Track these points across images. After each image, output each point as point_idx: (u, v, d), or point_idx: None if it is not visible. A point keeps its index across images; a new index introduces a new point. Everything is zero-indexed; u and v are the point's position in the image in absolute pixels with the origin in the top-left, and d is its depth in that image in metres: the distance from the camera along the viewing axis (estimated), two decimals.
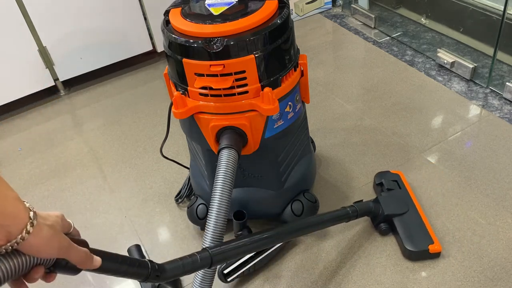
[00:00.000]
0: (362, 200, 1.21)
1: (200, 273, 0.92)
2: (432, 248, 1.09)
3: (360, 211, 1.14)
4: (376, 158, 1.43)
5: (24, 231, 0.49)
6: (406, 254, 1.12)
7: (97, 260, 0.59)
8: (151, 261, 0.68)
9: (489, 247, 1.13)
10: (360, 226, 1.22)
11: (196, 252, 0.76)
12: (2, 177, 0.49)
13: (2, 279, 0.49)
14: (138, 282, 1.15)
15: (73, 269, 0.57)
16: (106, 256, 0.61)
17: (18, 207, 0.50)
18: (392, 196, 1.21)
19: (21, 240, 0.49)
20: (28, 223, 0.49)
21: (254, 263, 1.11)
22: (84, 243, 0.59)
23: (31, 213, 0.50)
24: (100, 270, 0.60)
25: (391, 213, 1.16)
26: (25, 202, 0.51)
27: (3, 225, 0.48)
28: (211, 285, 0.93)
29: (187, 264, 0.74)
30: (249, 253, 1.07)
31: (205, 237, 0.89)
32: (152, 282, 0.69)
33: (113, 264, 0.62)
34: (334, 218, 1.10)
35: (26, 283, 0.54)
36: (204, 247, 0.78)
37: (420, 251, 1.09)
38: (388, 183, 1.25)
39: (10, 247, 0.49)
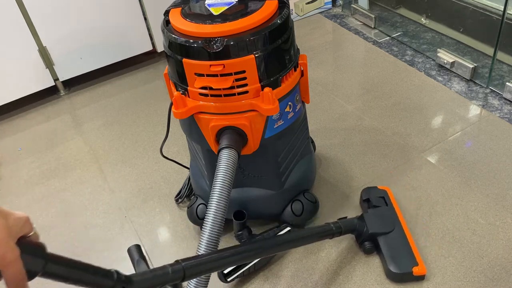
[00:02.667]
0: (346, 217, 1.18)
1: None
2: (416, 271, 1.05)
3: (344, 228, 1.09)
4: (376, 158, 1.43)
5: None
6: (389, 275, 1.07)
7: None
8: (117, 272, 0.63)
9: (489, 247, 1.13)
10: None
11: (169, 264, 0.71)
12: None
13: None
14: None
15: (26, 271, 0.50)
16: (66, 262, 0.56)
17: None
18: (377, 213, 1.16)
19: None
20: None
21: (254, 263, 1.11)
22: (41, 246, 0.53)
23: None
24: (60, 277, 0.55)
25: (375, 231, 1.11)
26: None
27: None
28: (207, 284, 0.92)
29: (157, 277, 0.68)
30: (225, 268, 1.04)
31: (202, 236, 0.88)
32: None
33: (73, 271, 0.57)
34: (317, 234, 1.05)
35: None
36: (177, 259, 0.73)
37: (404, 273, 1.05)
38: (375, 200, 1.21)
39: None
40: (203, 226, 0.89)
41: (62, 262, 0.56)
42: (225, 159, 0.93)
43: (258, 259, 1.11)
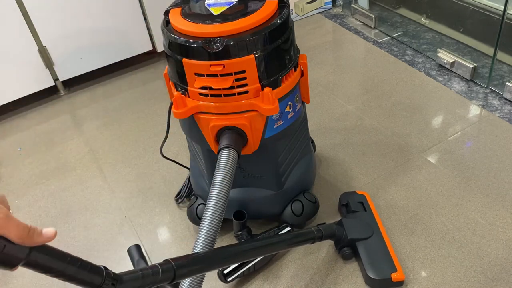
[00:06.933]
0: (324, 223, 1.17)
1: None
2: (394, 277, 1.04)
3: (325, 233, 1.07)
4: (376, 158, 1.43)
5: None
6: (368, 281, 1.06)
7: (49, 231, 0.49)
8: (105, 268, 0.59)
9: (489, 247, 1.13)
10: None
11: (158, 264, 0.67)
12: None
13: None
14: None
15: (9, 257, 0.47)
16: (52, 252, 0.52)
17: None
18: (356, 219, 1.16)
19: None
20: None
21: (254, 263, 1.11)
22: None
23: None
24: (45, 268, 0.51)
25: (354, 237, 1.10)
26: None
27: None
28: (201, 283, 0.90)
29: (147, 276, 0.64)
30: (216, 269, 1.00)
31: (199, 235, 0.87)
32: None
33: (60, 263, 0.52)
34: (299, 238, 1.03)
35: None
36: (167, 258, 0.70)
37: (382, 279, 1.04)
38: (354, 205, 1.20)
39: None
40: (200, 225, 0.89)
41: (48, 251, 0.52)
42: (225, 159, 0.93)
43: (258, 259, 1.11)
